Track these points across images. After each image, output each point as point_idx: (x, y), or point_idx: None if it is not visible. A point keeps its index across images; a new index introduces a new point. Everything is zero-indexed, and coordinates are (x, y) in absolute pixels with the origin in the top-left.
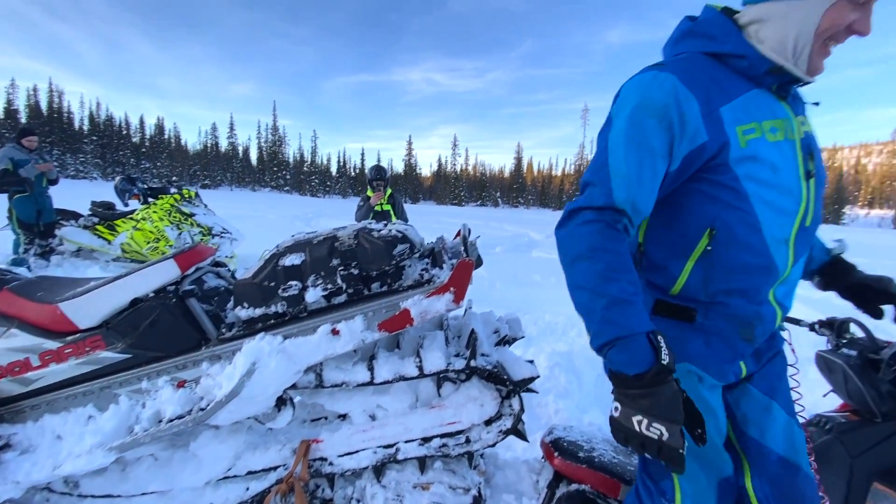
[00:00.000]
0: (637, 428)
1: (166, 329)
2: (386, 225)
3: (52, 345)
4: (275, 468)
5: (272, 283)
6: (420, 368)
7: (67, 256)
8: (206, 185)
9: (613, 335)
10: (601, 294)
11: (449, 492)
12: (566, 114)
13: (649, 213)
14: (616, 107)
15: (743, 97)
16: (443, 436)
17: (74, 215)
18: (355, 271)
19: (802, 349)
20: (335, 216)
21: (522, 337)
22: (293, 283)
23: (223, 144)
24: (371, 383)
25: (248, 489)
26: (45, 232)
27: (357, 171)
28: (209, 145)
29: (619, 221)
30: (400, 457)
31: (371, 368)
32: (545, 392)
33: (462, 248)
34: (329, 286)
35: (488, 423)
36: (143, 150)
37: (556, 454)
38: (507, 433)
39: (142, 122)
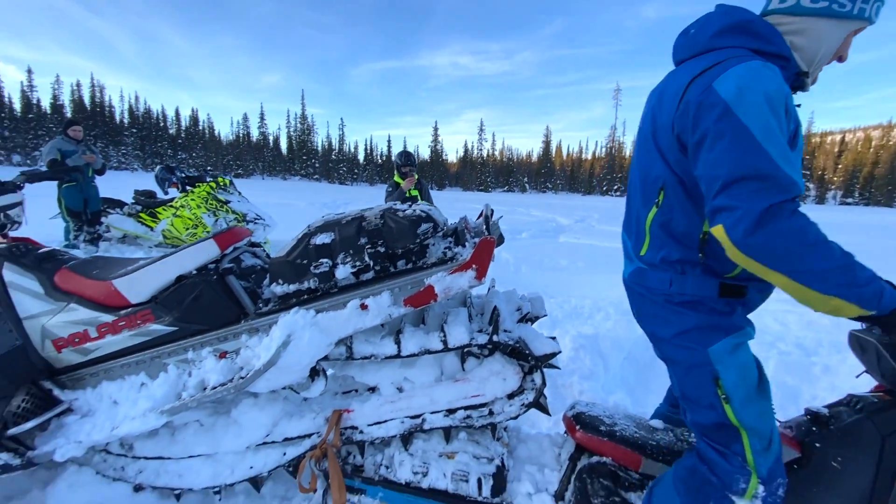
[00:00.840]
0: None
1: (208, 304)
2: (411, 205)
3: (107, 318)
4: (309, 435)
5: (304, 261)
6: (444, 342)
7: (114, 243)
8: (238, 174)
9: (882, 286)
10: (851, 266)
11: (473, 461)
12: (597, 94)
13: None
14: (741, 97)
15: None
16: (467, 408)
17: (119, 204)
18: (382, 249)
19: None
20: (364, 203)
21: (544, 315)
22: (324, 260)
23: (254, 134)
24: (398, 356)
25: (284, 454)
26: (92, 220)
27: (383, 158)
28: (241, 135)
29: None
30: (426, 427)
31: (398, 342)
32: (570, 373)
33: (484, 227)
34: (357, 263)
35: (511, 396)
36: (179, 141)
37: (577, 428)
38: (529, 406)
39: (177, 113)
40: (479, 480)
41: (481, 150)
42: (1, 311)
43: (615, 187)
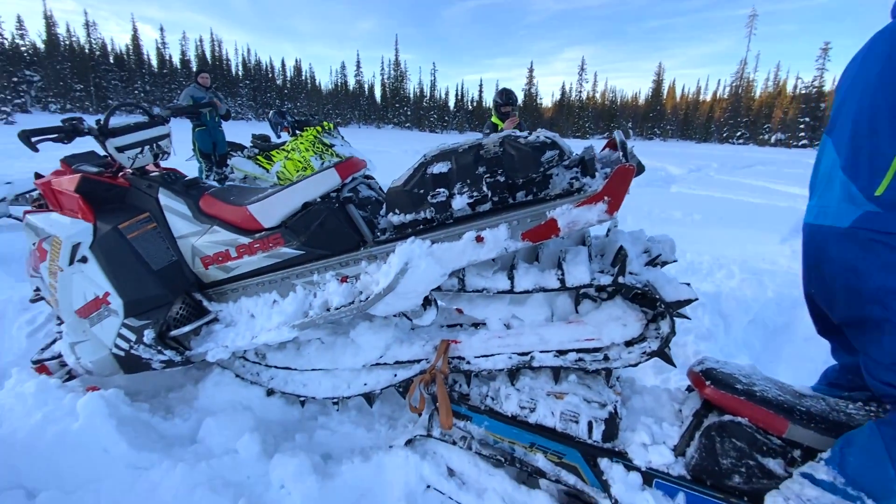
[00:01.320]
0: None
1: (331, 230)
2: (531, 132)
3: (244, 240)
4: (418, 361)
5: (421, 191)
6: (562, 281)
7: (237, 183)
8: (337, 123)
9: None
10: None
11: (584, 404)
12: (724, 24)
13: None
14: None
15: None
16: (579, 350)
17: (240, 147)
18: (501, 179)
19: None
20: None
21: (674, 261)
22: (440, 190)
23: (351, 83)
24: (511, 291)
25: (395, 375)
26: (219, 161)
27: (474, 104)
28: (339, 84)
29: None
30: (534, 364)
31: (511, 277)
32: (684, 332)
33: (620, 155)
34: (475, 194)
35: (630, 343)
36: (286, 91)
37: (708, 383)
38: (651, 355)
39: (283, 64)
40: (590, 423)
41: (580, 92)
42: (160, 230)
43: (738, 134)
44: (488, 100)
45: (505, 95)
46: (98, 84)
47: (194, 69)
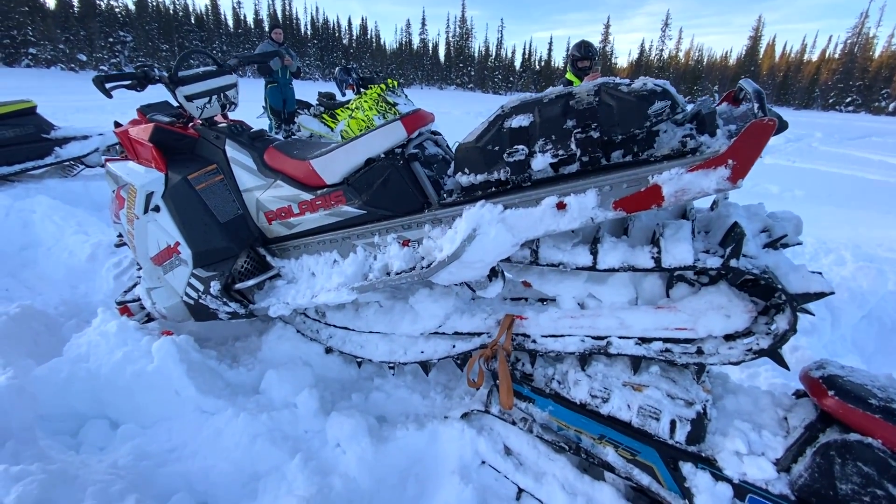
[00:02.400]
0: None
1: (395, 189)
2: (635, 79)
3: (307, 196)
4: (479, 334)
5: (496, 148)
6: (657, 260)
7: (298, 138)
8: (400, 83)
9: None
10: None
11: (667, 399)
12: None
13: None
14: None
15: None
16: (667, 340)
17: (307, 105)
18: (595, 135)
19: None
20: None
21: (800, 243)
22: (519, 147)
23: (415, 41)
24: (593, 268)
25: (454, 346)
26: (288, 119)
27: (542, 63)
28: (403, 43)
29: None
30: (612, 351)
31: (594, 252)
32: None
33: (756, 108)
34: (560, 152)
35: (731, 338)
36: (351, 51)
37: (831, 393)
38: (759, 354)
39: (349, 23)
40: (673, 422)
41: (662, 50)
42: (226, 182)
43: (848, 100)
44: (558, 59)
45: (584, 48)
46: (181, 44)
47: (266, 28)
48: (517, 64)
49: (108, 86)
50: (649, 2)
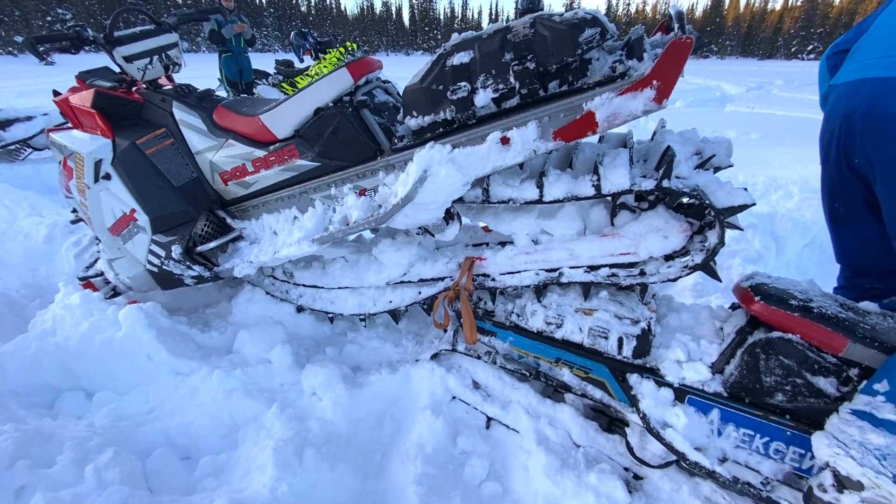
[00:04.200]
0: None
1: (346, 138)
2: (570, 8)
3: (259, 153)
4: (442, 279)
5: (440, 87)
6: (597, 188)
7: (246, 96)
8: (364, 50)
9: None
10: None
11: (614, 320)
12: None
13: None
14: None
15: None
16: (613, 266)
17: (265, 75)
18: (531, 66)
19: None
20: None
21: (731, 166)
22: (462, 84)
23: (377, 6)
24: (540, 201)
25: (420, 293)
26: (246, 90)
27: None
28: (365, 8)
29: None
30: (563, 280)
31: (540, 186)
32: (730, 255)
33: (676, 28)
34: (500, 86)
35: (670, 257)
36: (311, 19)
37: (758, 298)
38: (694, 269)
39: None
40: (620, 339)
41: (629, 3)
42: (177, 145)
43: (809, 48)
44: None
45: (528, 1)
46: (126, 20)
47: None
48: (485, 25)
49: (39, 48)
50: None
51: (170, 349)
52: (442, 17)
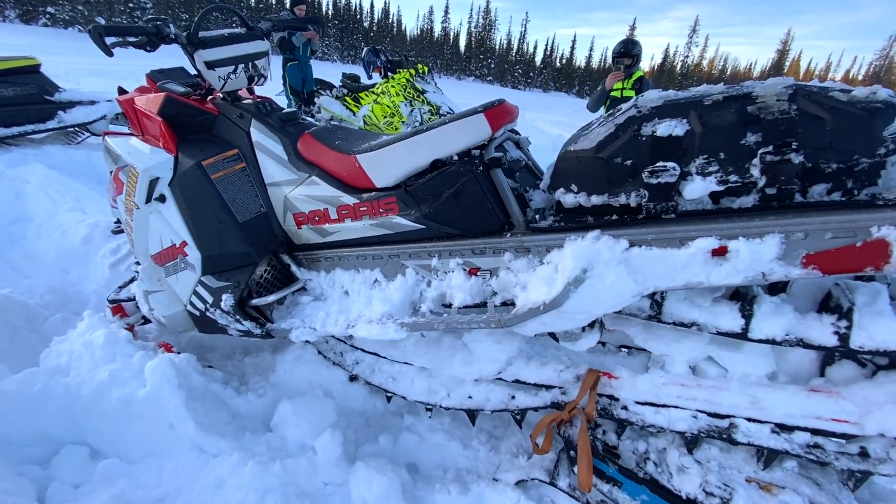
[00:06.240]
0: None
1: (469, 203)
2: (631, 42)
3: (348, 200)
4: (548, 387)
5: (627, 162)
6: (843, 338)
7: (323, 124)
8: (430, 70)
9: None
10: None
11: None
12: None
13: None
14: None
15: None
16: (817, 432)
17: (329, 86)
18: (796, 159)
19: None
20: (544, 110)
21: None
22: (668, 164)
23: (437, 29)
24: (743, 336)
25: (513, 398)
26: (307, 99)
27: (563, 61)
28: (425, 30)
29: None
30: (739, 438)
31: (747, 315)
32: None
33: None
34: (732, 178)
35: None
36: (371, 34)
37: None
38: None
39: (371, 6)
40: None
41: (687, 56)
42: (249, 172)
43: None
44: (580, 58)
45: (623, 45)
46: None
47: (287, 4)
48: (538, 60)
49: (108, 40)
50: (678, 6)
51: (198, 420)
52: (498, 46)
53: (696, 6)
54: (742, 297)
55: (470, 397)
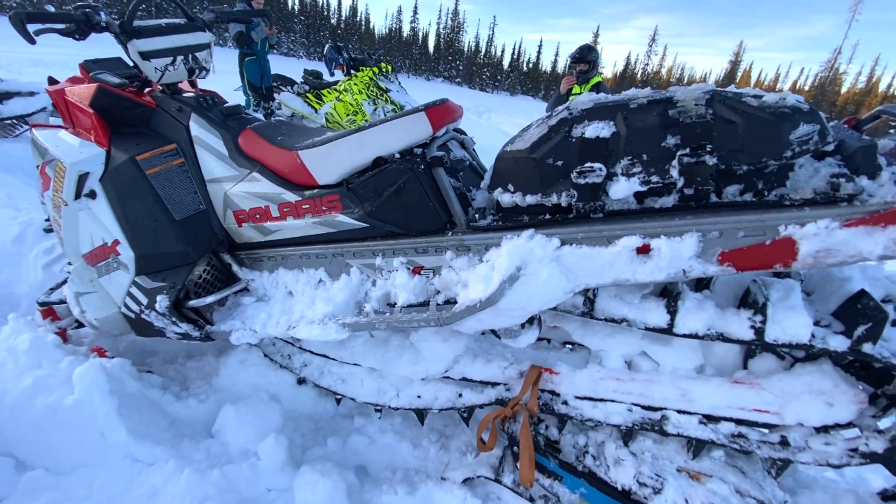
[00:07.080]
0: None
1: (410, 201)
2: (591, 48)
3: (290, 197)
4: (493, 384)
5: (559, 162)
6: (759, 332)
7: (284, 119)
8: (395, 69)
9: None
10: None
11: (735, 497)
12: (827, 4)
13: None
14: None
15: None
16: (741, 422)
17: (290, 82)
18: (710, 160)
19: None
20: (509, 112)
21: None
22: (595, 165)
23: (405, 29)
24: (669, 331)
25: (460, 396)
26: (266, 95)
27: (530, 65)
28: (393, 30)
29: None
30: (670, 429)
31: (672, 311)
32: None
33: None
34: (654, 179)
35: (826, 429)
36: (339, 32)
37: None
38: (868, 458)
39: (339, 3)
40: None
41: (647, 64)
42: (188, 168)
43: None
44: (545, 63)
45: (580, 51)
46: (159, 5)
47: None
48: (506, 63)
49: (31, 28)
50: (638, 15)
51: (131, 428)
52: (466, 49)
53: (657, 16)
54: (668, 294)
55: (419, 397)
